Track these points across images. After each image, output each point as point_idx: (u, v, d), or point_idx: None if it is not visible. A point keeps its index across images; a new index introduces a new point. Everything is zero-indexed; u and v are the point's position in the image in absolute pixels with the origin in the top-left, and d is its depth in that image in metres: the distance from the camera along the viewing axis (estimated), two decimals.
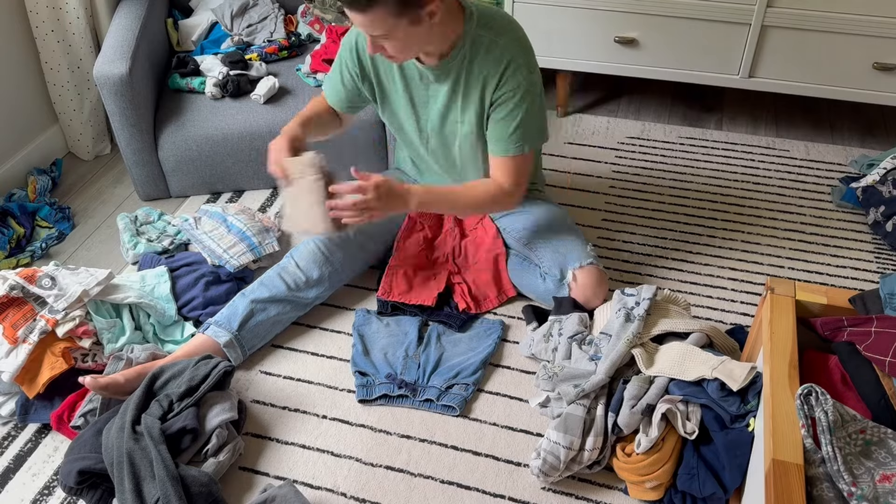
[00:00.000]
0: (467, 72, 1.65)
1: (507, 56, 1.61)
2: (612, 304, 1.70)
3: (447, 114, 1.74)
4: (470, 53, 1.63)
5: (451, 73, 1.66)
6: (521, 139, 1.68)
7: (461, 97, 1.69)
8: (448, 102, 1.72)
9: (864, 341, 1.34)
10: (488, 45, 1.62)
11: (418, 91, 1.74)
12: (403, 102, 1.77)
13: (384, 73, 1.75)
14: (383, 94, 1.79)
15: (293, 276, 1.82)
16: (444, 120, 1.76)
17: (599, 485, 1.54)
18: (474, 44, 1.62)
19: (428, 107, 1.76)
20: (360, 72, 1.75)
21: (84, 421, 1.58)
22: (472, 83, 1.66)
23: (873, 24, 2.25)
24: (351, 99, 1.83)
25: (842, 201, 2.25)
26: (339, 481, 1.56)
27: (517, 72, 1.62)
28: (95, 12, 2.39)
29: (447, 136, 1.79)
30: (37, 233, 2.20)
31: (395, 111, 1.81)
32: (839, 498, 1.15)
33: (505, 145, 1.69)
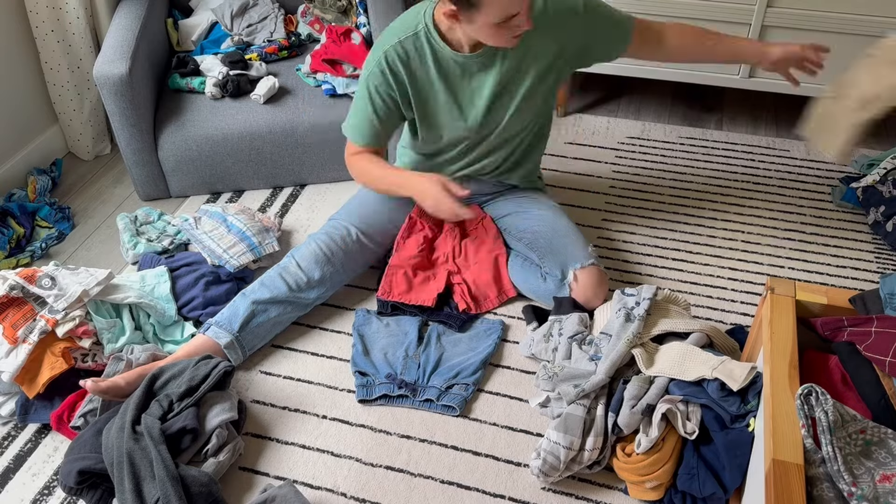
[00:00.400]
0: (527, 44, 1.66)
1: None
2: (612, 304, 1.70)
3: (498, 96, 1.73)
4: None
5: (497, 56, 1.67)
6: (624, 17, 1.76)
7: (519, 68, 1.70)
8: (498, 83, 1.71)
9: (865, 341, 1.34)
10: (541, 4, 1.65)
11: (462, 87, 1.73)
12: (446, 105, 1.75)
13: (422, 83, 1.72)
14: (422, 103, 1.76)
15: (294, 277, 1.82)
16: (493, 104, 1.75)
17: (599, 485, 1.54)
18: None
19: (474, 101, 1.75)
20: (399, 88, 1.72)
21: (84, 421, 1.58)
22: (534, 45, 1.67)
23: (873, 24, 2.25)
24: (388, 130, 1.80)
25: (842, 201, 2.25)
26: (339, 481, 1.56)
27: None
28: (95, 12, 2.39)
29: (493, 119, 1.78)
30: (37, 233, 2.20)
31: (436, 118, 1.78)
32: (839, 498, 1.15)
33: (625, 27, 1.76)
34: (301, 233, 2.20)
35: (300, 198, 2.34)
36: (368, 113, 1.75)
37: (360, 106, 1.76)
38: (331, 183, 2.39)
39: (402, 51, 1.68)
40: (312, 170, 2.35)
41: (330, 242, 1.87)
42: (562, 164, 2.47)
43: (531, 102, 1.77)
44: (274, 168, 2.33)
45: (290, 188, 2.38)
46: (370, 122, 1.76)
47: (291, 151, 2.30)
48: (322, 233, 1.91)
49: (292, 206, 2.31)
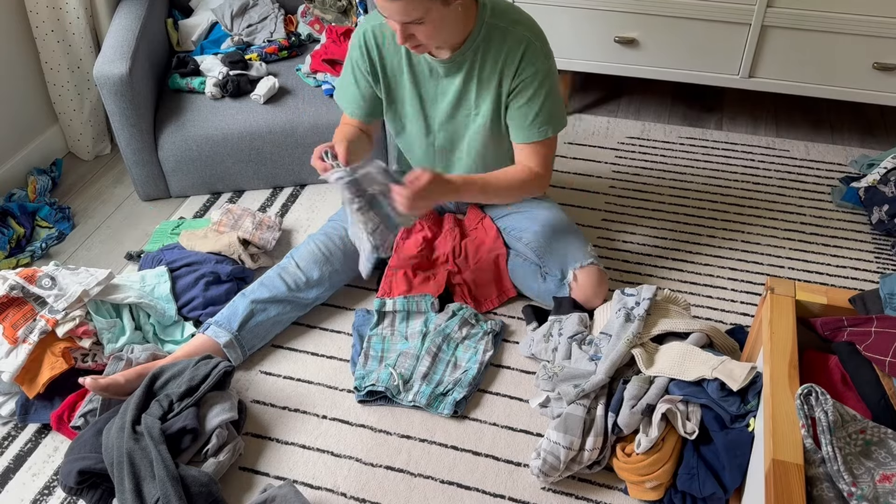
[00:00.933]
0: (481, 62, 1.66)
1: (524, 42, 1.62)
2: (612, 304, 1.70)
3: (458, 108, 1.74)
4: (484, 44, 1.63)
5: (464, 65, 1.67)
6: (544, 124, 1.69)
7: (475, 88, 1.70)
8: (459, 96, 1.72)
9: (864, 341, 1.34)
10: (503, 33, 1.62)
11: (427, 87, 1.74)
12: (411, 100, 1.77)
13: (391, 69, 1.74)
14: (390, 91, 1.78)
15: (293, 277, 1.82)
16: (453, 115, 1.76)
17: (599, 485, 1.54)
18: (488, 33, 1.63)
19: (437, 103, 1.76)
20: (371, 68, 1.74)
21: (84, 421, 1.58)
22: (486, 73, 1.67)
23: (873, 24, 2.25)
24: (370, 103, 1.80)
25: (842, 201, 2.25)
26: (339, 481, 1.56)
27: (535, 57, 1.63)
28: (95, 12, 2.39)
29: (457, 131, 1.79)
30: (37, 233, 2.20)
31: (400, 110, 1.81)
32: (839, 498, 1.15)
33: (528, 132, 1.70)
34: (301, 233, 2.20)
35: (300, 198, 2.34)
36: (350, 83, 1.79)
37: (345, 75, 1.80)
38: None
39: (380, 34, 1.70)
40: (312, 170, 2.31)
41: (329, 242, 1.87)
42: (562, 164, 2.47)
43: (489, 128, 1.75)
44: (274, 168, 2.33)
45: (290, 188, 2.38)
46: (353, 93, 1.79)
47: (291, 151, 2.30)
48: (321, 233, 1.91)
49: (292, 206, 2.31)
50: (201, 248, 2.00)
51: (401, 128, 1.86)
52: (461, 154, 1.84)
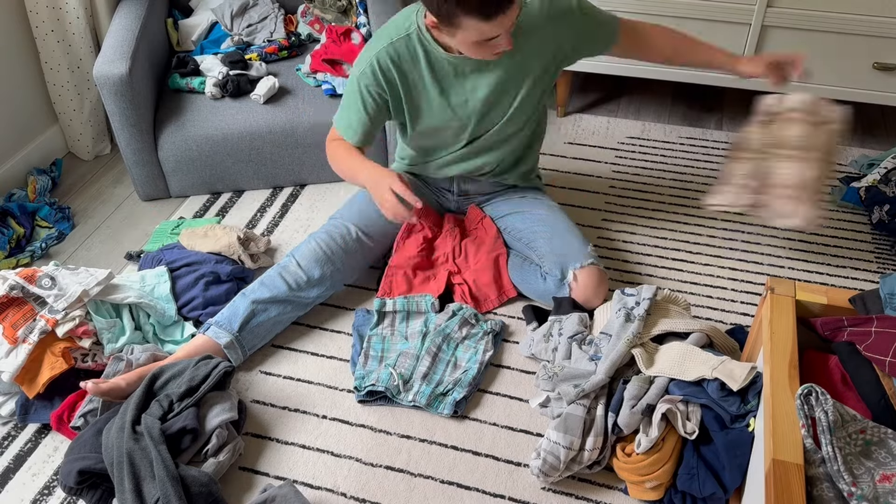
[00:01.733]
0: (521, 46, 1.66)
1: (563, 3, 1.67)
2: (612, 304, 1.70)
3: (495, 97, 1.74)
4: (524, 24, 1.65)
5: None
6: (609, 18, 1.78)
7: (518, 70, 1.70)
8: (497, 84, 1.71)
9: (864, 341, 1.34)
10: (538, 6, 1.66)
11: (456, 89, 1.73)
12: (439, 106, 1.75)
13: (412, 83, 1.72)
14: (413, 105, 1.76)
15: (294, 276, 1.82)
16: (490, 107, 1.75)
17: (599, 485, 1.54)
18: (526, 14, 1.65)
19: (468, 102, 1.74)
20: (390, 91, 1.72)
21: (84, 421, 1.58)
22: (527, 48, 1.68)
23: (873, 24, 2.25)
24: (374, 126, 1.78)
25: (842, 201, 2.25)
26: (339, 481, 1.56)
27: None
28: (95, 12, 2.39)
29: (488, 120, 1.79)
30: (37, 233, 2.20)
31: (429, 119, 1.78)
32: (839, 498, 1.15)
33: (609, 30, 1.79)
34: (301, 233, 2.20)
35: (300, 198, 2.34)
36: (359, 109, 1.75)
37: (350, 102, 1.76)
38: (331, 183, 2.39)
39: (394, 52, 1.68)
40: (312, 170, 2.35)
41: (330, 241, 1.87)
42: (562, 164, 2.47)
43: (527, 103, 1.77)
44: (274, 168, 2.33)
45: (290, 188, 2.38)
46: (360, 120, 1.76)
47: (291, 151, 2.30)
48: (322, 231, 1.91)
49: (292, 206, 2.31)
50: (202, 247, 2.00)
51: (430, 138, 1.84)
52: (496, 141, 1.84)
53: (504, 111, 1.77)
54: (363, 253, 1.93)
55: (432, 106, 1.75)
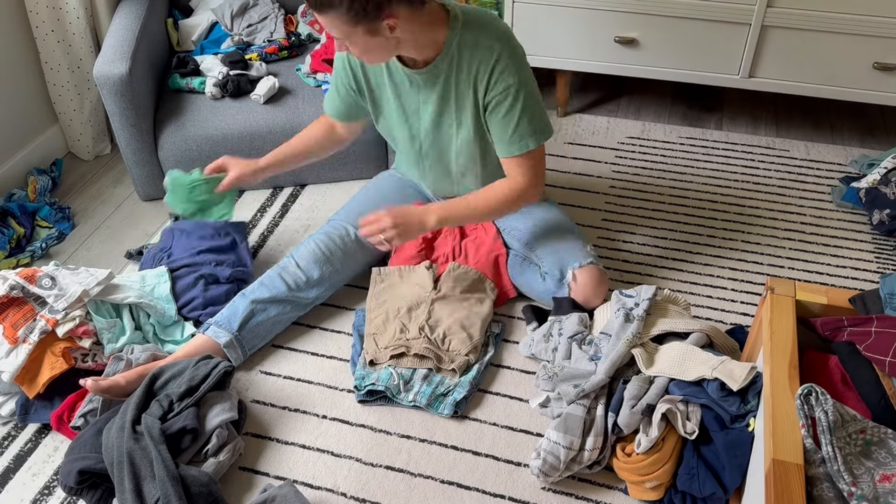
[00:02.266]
0: (457, 74, 1.64)
1: (494, 55, 1.59)
2: (611, 305, 1.70)
3: (440, 120, 1.73)
4: (458, 56, 1.61)
5: (440, 77, 1.65)
6: (523, 136, 1.66)
7: (454, 101, 1.69)
8: (439, 108, 1.71)
9: (864, 341, 1.34)
10: (473, 43, 1.60)
11: (409, 98, 1.73)
12: (395, 111, 1.77)
13: (375, 83, 1.75)
14: (375, 103, 1.80)
15: (293, 277, 1.82)
16: (437, 126, 1.75)
17: (599, 485, 1.54)
18: (460, 46, 1.61)
19: (419, 114, 1.75)
20: (354, 83, 1.77)
21: (84, 421, 1.58)
22: (463, 85, 1.65)
23: (873, 24, 2.25)
24: (348, 109, 1.85)
25: (842, 201, 2.25)
26: (339, 481, 1.56)
27: (506, 70, 1.60)
28: (95, 12, 2.39)
29: (442, 141, 1.79)
30: (37, 233, 2.20)
31: (387, 120, 1.82)
32: (839, 498, 1.15)
33: (508, 146, 1.68)
34: (301, 233, 2.20)
35: (300, 198, 2.34)
36: (334, 86, 1.83)
37: (333, 78, 1.83)
38: (331, 183, 2.38)
39: None
40: (312, 170, 2.35)
41: (329, 242, 1.87)
42: (562, 164, 2.47)
43: (476, 140, 1.74)
44: None
45: (290, 188, 2.38)
46: (333, 95, 1.84)
47: None
48: (321, 233, 1.91)
49: (292, 206, 2.31)
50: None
51: (392, 139, 1.88)
52: (452, 163, 1.83)
53: (451, 136, 1.76)
54: (362, 253, 1.93)
55: (391, 108, 1.77)
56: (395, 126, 1.81)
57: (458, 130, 1.74)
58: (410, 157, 1.88)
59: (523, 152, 1.68)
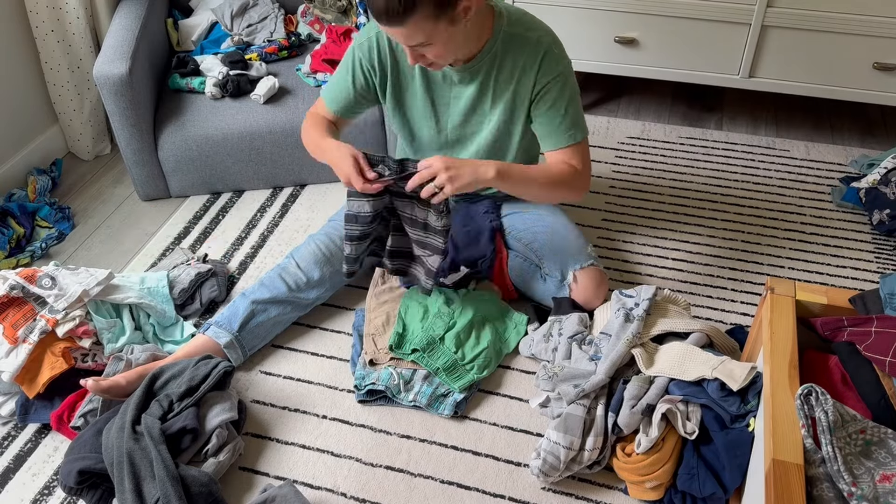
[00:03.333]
0: (498, 69, 1.64)
1: (543, 47, 1.61)
2: (612, 305, 1.70)
3: (472, 112, 1.73)
4: (501, 51, 1.62)
5: (480, 73, 1.65)
6: (571, 127, 1.66)
7: (490, 95, 1.68)
8: (475, 101, 1.70)
9: (864, 341, 1.34)
10: (520, 40, 1.61)
11: (441, 92, 1.72)
12: (422, 103, 1.74)
13: (403, 74, 1.71)
14: (398, 94, 1.75)
15: (294, 277, 1.82)
16: (467, 119, 1.74)
17: (599, 485, 1.54)
18: (505, 41, 1.61)
19: (450, 108, 1.74)
20: (380, 70, 1.70)
21: (84, 421, 1.58)
22: (503, 81, 1.65)
23: (873, 24, 2.25)
24: (356, 101, 1.76)
25: (842, 201, 2.25)
26: (339, 481, 1.56)
27: (554, 62, 1.61)
28: (95, 12, 2.39)
29: (468, 134, 1.78)
30: (37, 233, 2.20)
31: (409, 112, 1.78)
32: (839, 498, 1.15)
33: (558, 137, 1.66)
34: (301, 233, 2.20)
35: (300, 198, 2.34)
36: (347, 79, 1.73)
37: (341, 71, 1.75)
38: (331, 183, 2.38)
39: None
40: (312, 170, 2.35)
41: (329, 243, 1.87)
42: None
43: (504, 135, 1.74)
44: (274, 168, 2.33)
45: (290, 188, 2.38)
46: (346, 89, 1.75)
47: (291, 151, 2.30)
48: (321, 233, 1.91)
49: (292, 206, 2.31)
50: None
51: (408, 132, 1.82)
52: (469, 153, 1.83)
53: (479, 129, 1.75)
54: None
55: (416, 101, 1.75)
56: (418, 118, 1.78)
57: (486, 126, 1.74)
58: (429, 149, 1.85)
59: (572, 143, 1.67)
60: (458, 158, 1.58)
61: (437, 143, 1.83)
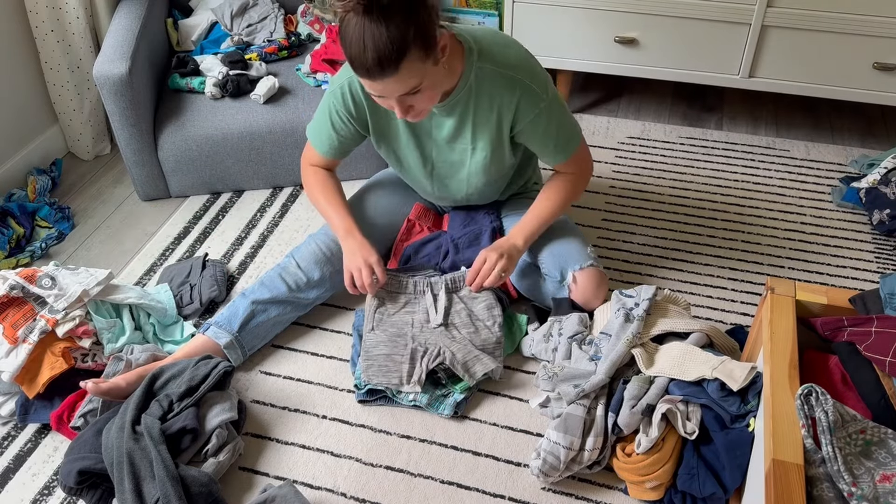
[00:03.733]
0: (476, 104, 1.63)
1: (518, 89, 1.60)
2: (612, 305, 1.70)
3: (455, 141, 1.72)
4: (476, 88, 1.61)
5: (457, 108, 1.64)
6: (565, 144, 1.70)
7: (470, 127, 1.68)
8: (455, 132, 1.70)
9: (865, 341, 1.34)
10: (493, 76, 1.59)
11: (421, 125, 1.71)
12: (405, 136, 1.73)
13: (381, 112, 1.70)
14: (380, 131, 1.75)
15: (294, 277, 1.82)
16: (451, 148, 1.74)
17: (599, 485, 1.54)
18: (479, 76, 1.60)
19: (432, 136, 1.73)
20: (357, 113, 1.69)
21: (84, 421, 1.58)
22: (482, 112, 1.64)
23: (873, 24, 2.25)
24: (341, 144, 1.77)
25: (842, 201, 2.25)
26: (339, 481, 1.56)
27: (532, 100, 1.61)
28: (95, 12, 2.39)
29: (454, 162, 1.78)
30: (37, 233, 2.20)
31: (393, 145, 1.77)
32: (839, 498, 1.15)
33: (554, 156, 1.72)
34: (301, 233, 2.20)
35: (300, 197, 2.34)
36: (328, 127, 1.74)
37: (321, 117, 1.74)
38: None
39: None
40: None
41: (329, 243, 1.87)
42: None
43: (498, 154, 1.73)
44: (274, 168, 2.33)
45: (290, 188, 2.38)
46: (328, 135, 1.75)
47: (291, 151, 2.30)
48: (322, 233, 1.90)
49: (292, 206, 2.31)
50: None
51: (396, 160, 1.83)
52: (463, 182, 1.83)
53: (464, 157, 1.75)
54: None
55: (398, 132, 1.73)
56: (404, 149, 1.77)
57: (473, 153, 1.74)
58: (418, 176, 1.85)
59: (571, 154, 1.72)
60: (498, 245, 1.72)
61: (425, 171, 1.83)
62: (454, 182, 1.84)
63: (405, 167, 1.84)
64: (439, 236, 1.97)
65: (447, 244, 1.94)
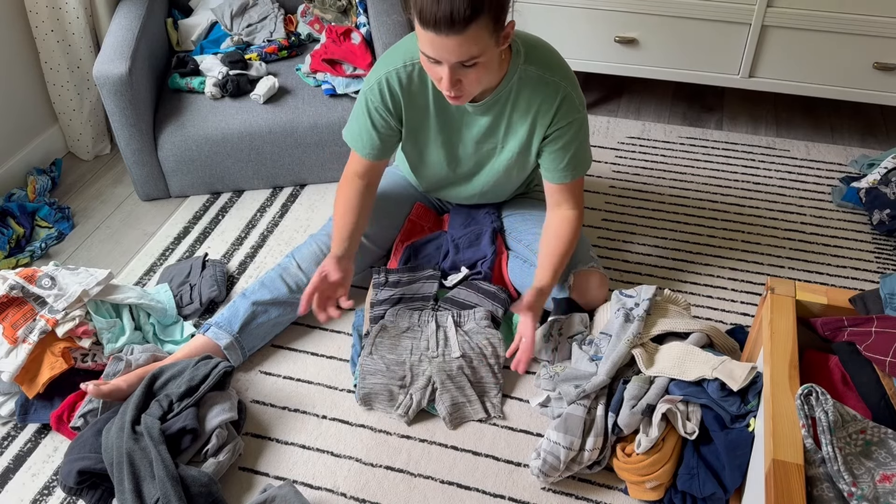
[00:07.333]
0: (513, 106, 1.64)
1: (561, 93, 1.61)
2: (612, 305, 1.70)
3: (483, 141, 1.72)
4: (517, 88, 1.61)
5: (494, 108, 1.64)
6: (574, 168, 1.70)
7: (504, 128, 1.68)
8: (486, 132, 1.70)
9: (865, 341, 1.34)
10: (538, 80, 1.60)
11: (452, 119, 1.71)
12: (436, 132, 1.73)
13: (417, 107, 1.69)
14: (413, 126, 1.73)
15: (295, 278, 1.82)
16: (478, 146, 1.74)
17: (599, 485, 1.54)
18: (522, 79, 1.60)
19: (461, 133, 1.73)
20: (394, 109, 1.67)
21: (84, 421, 1.58)
22: (517, 117, 1.65)
23: (873, 24, 2.25)
24: (386, 143, 1.72)
25: (842, 201, 2.25)
26: (339, 481, 1.56)
27: (572, 108, 1.62)
28: (95, 12, 2.39)
29: (478, 162, 1.78)
30: (36, 233, 2.20)
31: (421, 142, 1.76)
32: (839, 498, 1.15)
33: (561, 174, 1.70)
34: (301, 233, 2.20)
35: (300, 198, 2.34)
36: (367, 126, 1.71)
37: (358, 116, 1.72)
38: (331, 183, 2.38)
39: (405, 75, 1.62)
40: (312, 170, 2.35)
41: (330, 242, 1.86)
42: None
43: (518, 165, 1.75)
44: (274, 168, 2.33)
45: (290, 188, 2.38)
46: (369, 134, 1.71)
47: (291, 151, 2.30)
48: (322, 233, 1.90)
49: (292, 206, 2.31)
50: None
51: (418, 155, 1.81)
52: (479, 181, 1.84)
53: (491, 156, 1.76)
54: (363, 255, 1.92)
55: (430, 130, 1.73)
56: (431, 144, 1.76)
57: (499, 154, 1.74)
58: (437, 172, 1.84)
59: (572, 181, 1.71)
60: (528, 306, 1.66)
61: (447, 169, 1.82)
62: (472, 181, 1.84)
63: (425, 163, 1.83)
64: (439, 236, 1.97)
65: (447, 244, 1.94)
